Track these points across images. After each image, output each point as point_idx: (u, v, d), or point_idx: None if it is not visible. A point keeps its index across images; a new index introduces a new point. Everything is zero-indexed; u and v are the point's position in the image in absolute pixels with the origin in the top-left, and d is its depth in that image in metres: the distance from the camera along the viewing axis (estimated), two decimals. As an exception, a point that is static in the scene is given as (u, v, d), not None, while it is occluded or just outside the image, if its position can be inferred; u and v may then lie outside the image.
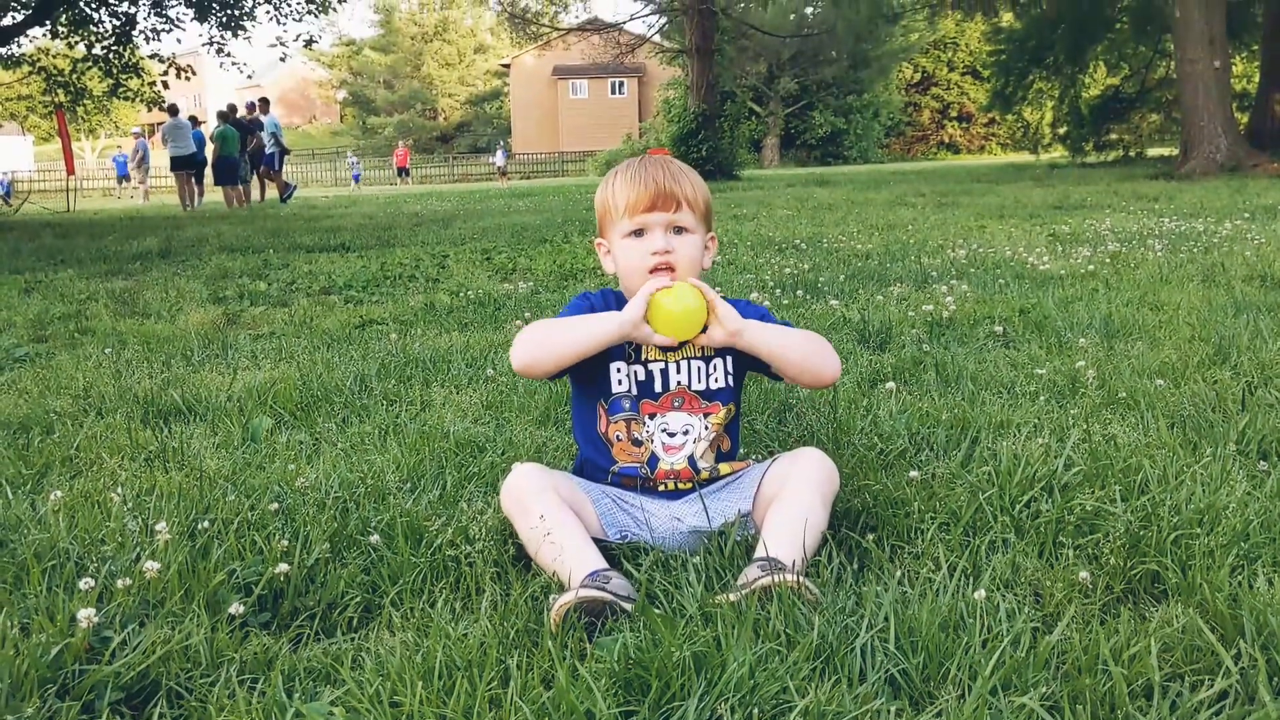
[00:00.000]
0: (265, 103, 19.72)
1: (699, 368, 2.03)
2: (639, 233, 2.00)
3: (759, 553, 1.73)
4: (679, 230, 2.00)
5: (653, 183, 1.97)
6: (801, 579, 1.61)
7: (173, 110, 19.19)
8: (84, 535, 1.95)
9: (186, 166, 19.12)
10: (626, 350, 2.01)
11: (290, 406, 3.07)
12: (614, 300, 2.07)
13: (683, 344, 1.95)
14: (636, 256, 2.00)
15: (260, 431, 2.79)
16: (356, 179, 42.76)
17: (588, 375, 2.01)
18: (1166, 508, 1.90)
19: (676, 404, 2.03)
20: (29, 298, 6.31)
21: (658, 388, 2.02)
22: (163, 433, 2.85)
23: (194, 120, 19.90)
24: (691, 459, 2.00)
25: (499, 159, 42.94)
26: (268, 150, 19.56)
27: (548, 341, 1.95)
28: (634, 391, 2.01)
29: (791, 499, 1.85)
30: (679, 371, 2.02)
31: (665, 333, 1.88)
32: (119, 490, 2.20)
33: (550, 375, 1.98)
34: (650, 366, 2.01)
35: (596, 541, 1.83)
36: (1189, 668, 1.42)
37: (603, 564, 1.73)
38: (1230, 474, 2.14)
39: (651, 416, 2.01)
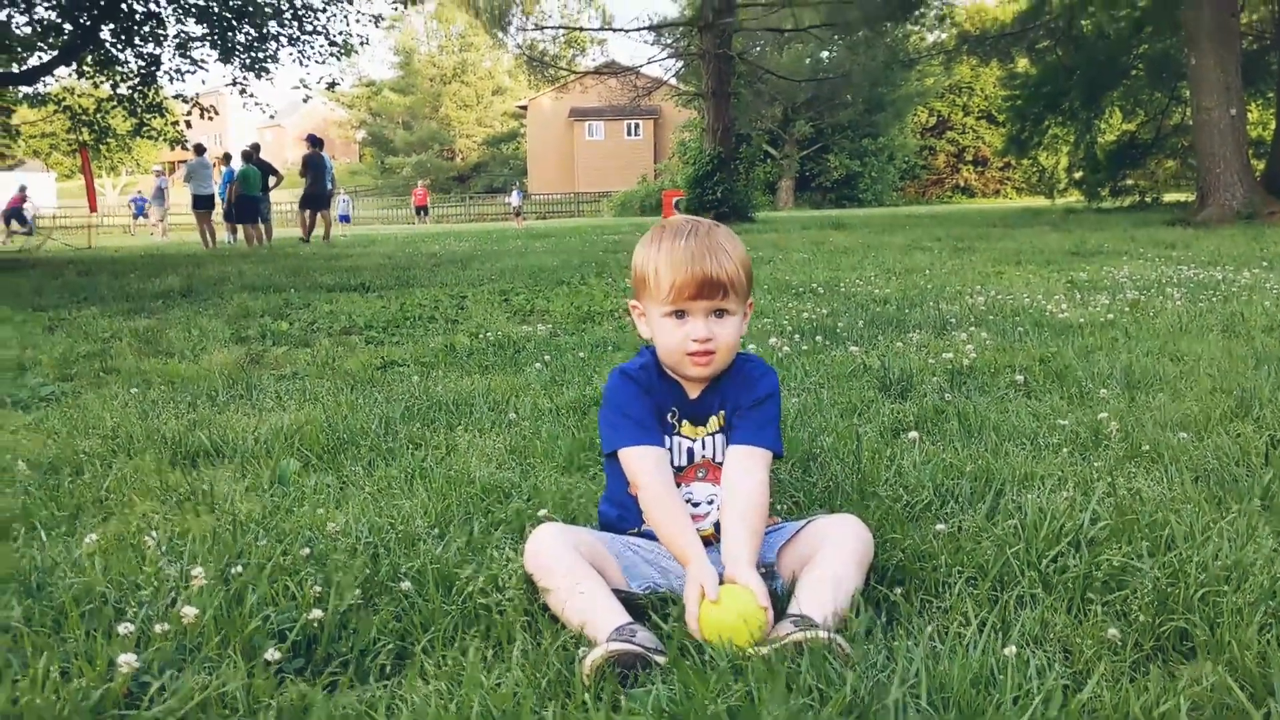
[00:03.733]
0: (320, 143, 19.94)
1: (721, 442, 2.09)
2: (679, 313, 2.00)
3: (792, 609, 1.74)
4: (720, 313, 2.00)
5: (700, 271, 1.94)
6: (834, 635, 1.62)
7: (198, 149, 19.48)
8: (120, 579, 1.97)
9: (207, 206, 19.39)
10: (672, 425, 2.07)
11: (317, 449, 3.10)
12: (654, 369, 2.09)
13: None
14: (676, 339, 2.00)
15: (288, 474, 2.82)
16: (345, 219, 41.80)
17: None
18: (1194, 564, 1.91)
19: (700, 475, 2.07)
20: (53, 335, 6.38)
21: (683, 461, 2.06)
22: (192, 474, 2.88)
23: (226, 157, 20.13)
24: (717, 525, 2.02)
25: (514, 200, 43.06)
26: (329, 187, 19.82)
27: (648, 509, 1.97)
28: (676, 463, 2.05)
29: (826, 560, 1.86)
30: (704, 447, 2.07)
31: (711, 638, 1.69)
32: (153, 534, 2.22)
33: None
34: (680, 440, 2.06)
35: (621, 594, 1.84)
36: (1221, 728, 1.42)
37: (628, 618, 1.74)
38: (1257, 530, 2.14)
39: (677, 486, 2.03)
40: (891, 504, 2.38)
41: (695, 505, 2.05)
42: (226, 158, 20.26)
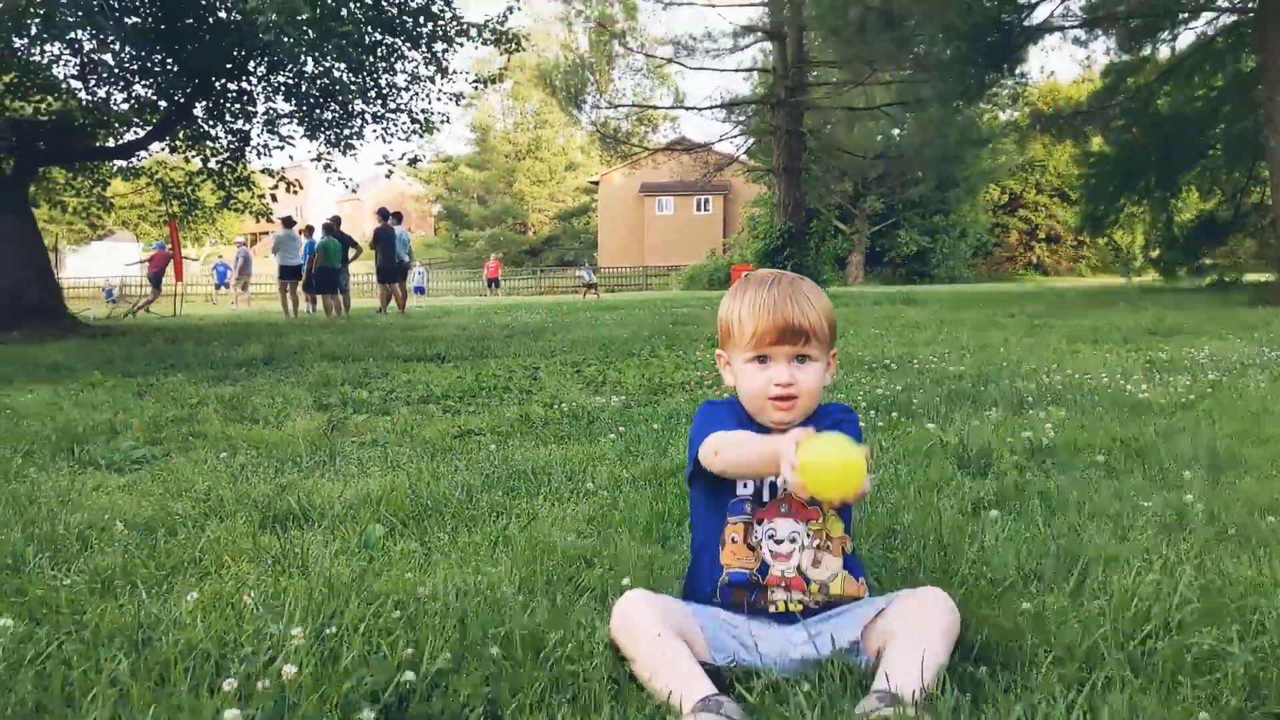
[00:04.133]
0: (398, 216, 20.52)
1: None
2: (762, 358, 2.05)
3: (878, 684, 1.75)
4: (803, 359, 2.05)
5: (781, 318, 2.01)
6: (922, 712, 1.63)
7: (286, 222, 20.18)
8: (220, 636, 2.04)
9: (293, 276, 20.03)
10: None
11: (401, 515, 3.17)
12: (741, 411, 2.13)
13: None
14: (759, 384, 2.06)
15: (374, 539, 2.89)
16: (419, 290, 42.92)
17: (717, 478, 2.07)
18: (1288, 649, 1.88)
19: (784, 510, 2.07)
20: (143, 400, 6.58)
21: (767, 496, 2.08)
22: (283, 537, 2.96)
23: (309, 230, 20.79)
24: (800, 568, 2.03)
25: (586, 275, 43.68)
26: (404, 260, 20.35)
27: (726, 452, 1.99)
28: (751, 495, 2.07)
29: (913, 634, 1.86)
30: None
31: (814, 486, 1.74)
32: (251, 593, 2.30)
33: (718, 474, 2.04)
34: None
35: (705, 666, 1.86)
36: (1321, 817, 1.39)
37: (714, 689, 1.75)
38: (1352, 616, 2.10)
39: (760, 522, 2.06)
40: (975, 581, 2.38)
41: (778, 543, 2.05)
42: (309, 230, 20.91)
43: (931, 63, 21.46)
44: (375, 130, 15.60)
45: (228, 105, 15.88)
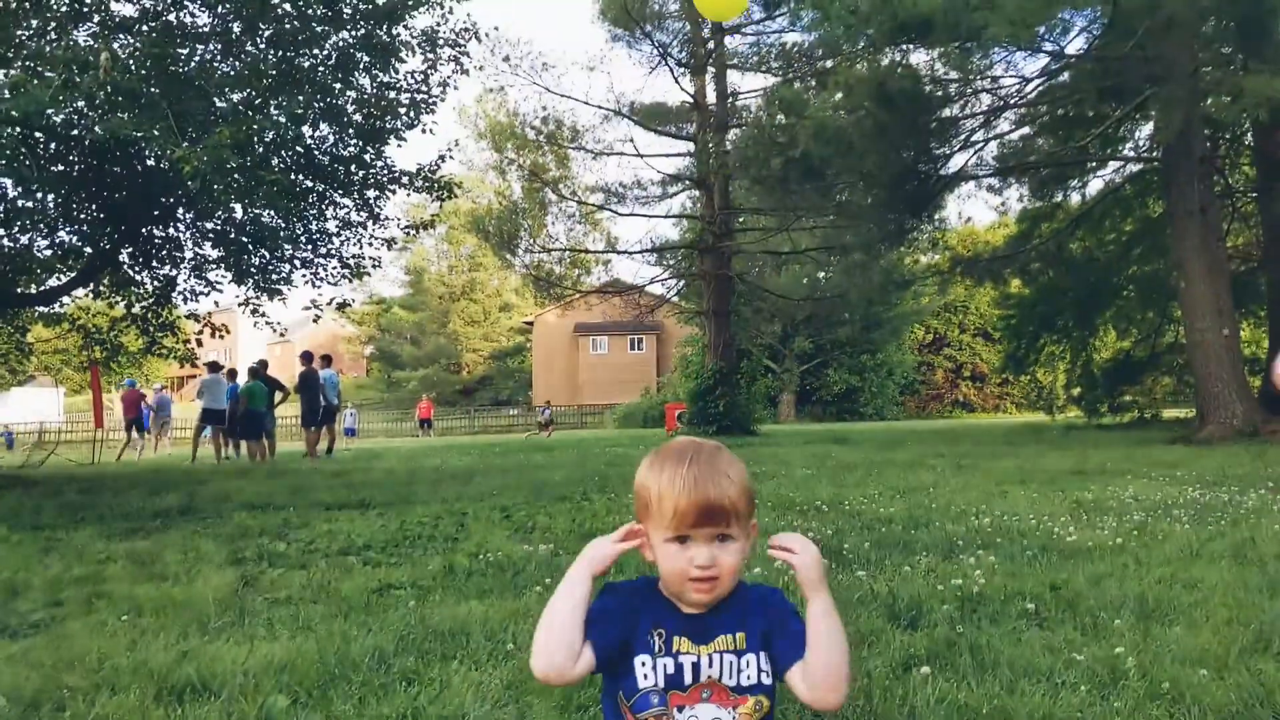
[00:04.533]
0: (327, 359, 20.40)
1: (730, 662, 1.97)
2: (682, 539, 1.94)
3: None
4: (724, 538, 1.95)
5: (702, 498, 1.91)
6: None
7: (213, 366, 19.90)
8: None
9: (217, 420, 19.68)
10: (654, 645, 1.95)
11: (307, 685, 3.00)
12: (648, 591, 2.02)
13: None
14: (679, 565, 1.93)
15: (275, 712, 2.71)
16: (351, 432, 42.79)
17: (611, 671, 1.94)
18: (1228, 823, 1.80)
19: (705, 695, 1.95)
20: (47, 557, 6.28)
21: (687, 680, 1.95)
22: (176, 713, 2.77)
23: (232, 374, 20.55)
24: None
25: (544, 414, 44.02)
26: (333, 403, 20.16)
27: (548, 629, 1.85)
28: (661, 685, 1.94)
29: None
30: (710, 665, 1.96)
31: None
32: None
33: (575, 673, 1.90)
34: (680, 659, 1.95)
35: None
36: None
37: None
38: (1290, 782, 2.04)
39: (680, 709, 1.94)
40: (905, 751, 2.28)
41: None
42: (232, 374, 20.67)
43: (853, 210, 22.16)
44: (305, 275, 15.54)
45: (154, 251, 15.76)
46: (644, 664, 1.92)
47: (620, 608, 1.96)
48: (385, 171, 14.99)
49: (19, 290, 15.82)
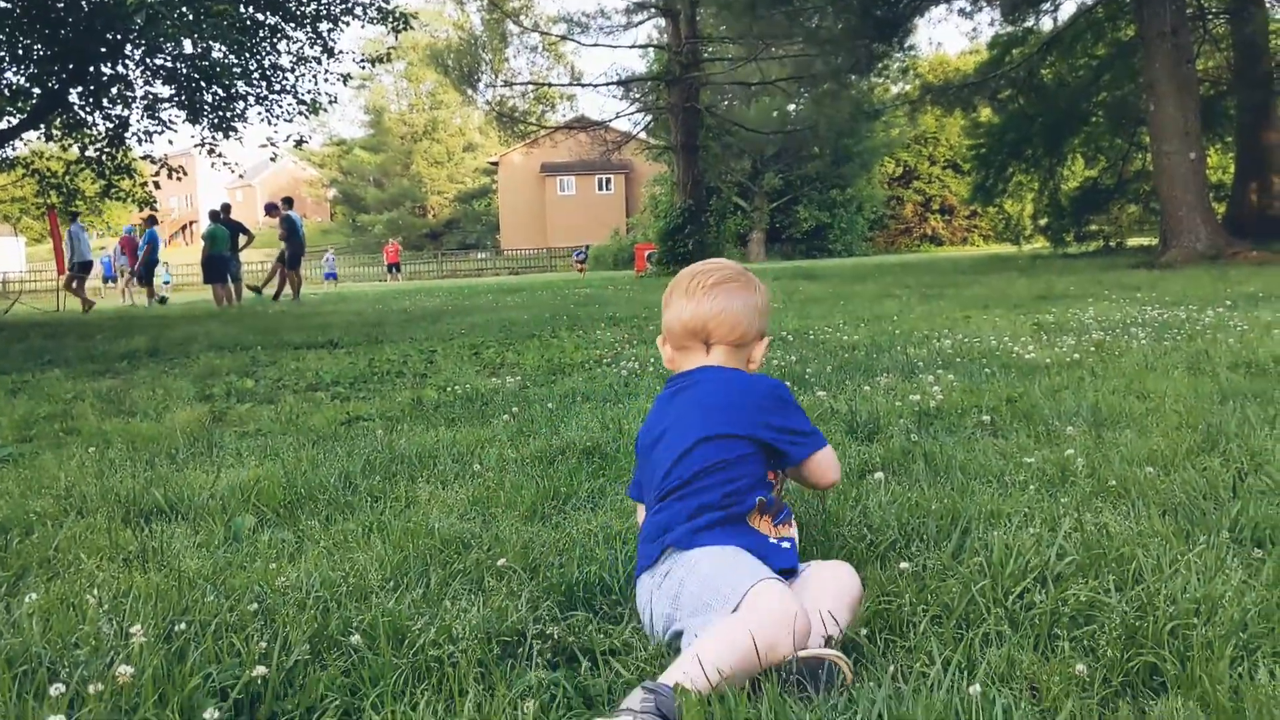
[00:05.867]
0: (289, 201, 20.02)
1: None
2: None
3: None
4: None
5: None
6: (839, 655, 1.65)
7: (73, 216, 19.38)
8: (57, 639, 1.90)
9: (87, 270, 20.06)
10: None
11: (274, 504, 3.03)
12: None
13: None
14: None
15: (242, 530, 2.75)
16: (331, 276, 42.92)
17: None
18: (1162, 597, 1.88)
19: None
20: (15, 398, 6.27)
21: None
22: (143, 533, 2.81)
23: (151, 219, 20.26)
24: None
25: (580, 256, 43.84)
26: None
27: None
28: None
29: (820, 598, 1.84)
30: None
31: None
32: (94, 592, 2.15)
33: None
34: None
35: None
36: (1192, 764, 1.38)
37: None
38: (1225, 563, 2.11)
39: None
40: (855, 544, 2.35)
41: None
42: (151, 220, 20.38)
43: (822, 36, 21.65)
44: (260, 112, 15.16)
45: (104, 90, 15.25)
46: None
47: None
48: (338, 3, 14.45)
49: (-32, 133, 15.35)
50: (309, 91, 15.37)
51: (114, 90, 15.29)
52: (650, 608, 1.89)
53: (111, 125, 15.75)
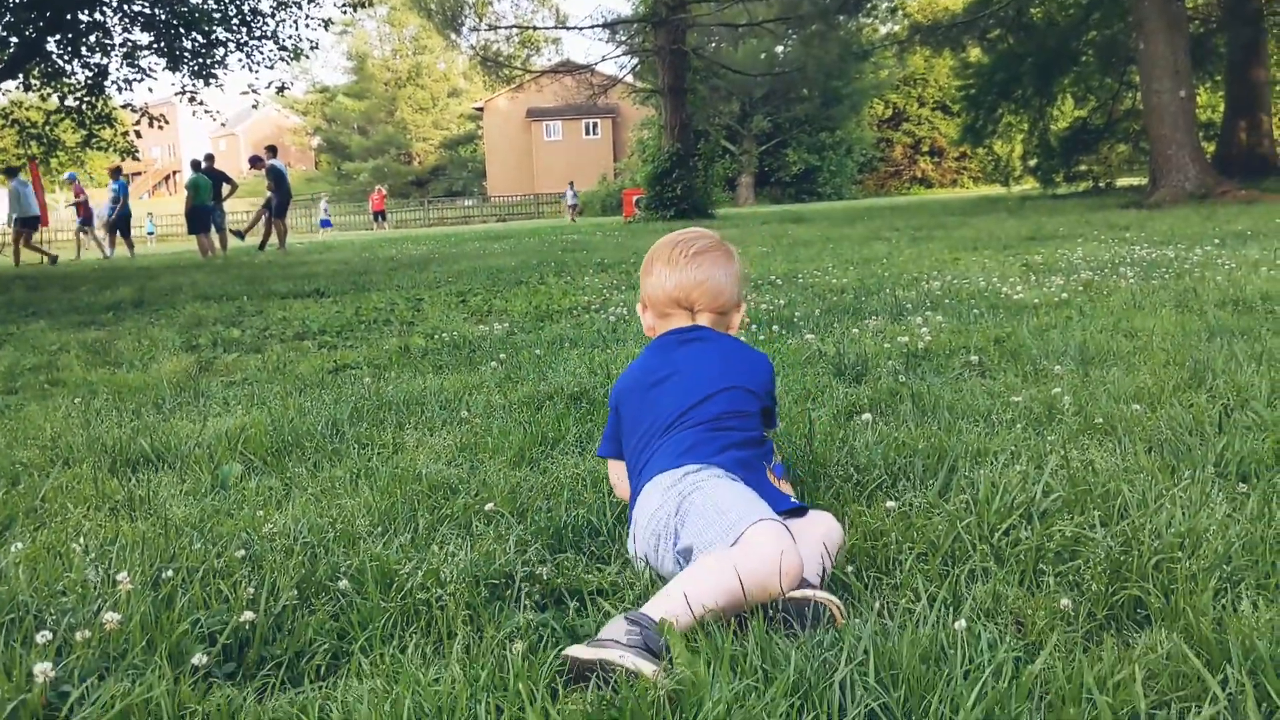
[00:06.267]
0: (272, 150, 19.79)
1: None
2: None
3: None
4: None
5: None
6: (829, 595, 1.66)
7: (9, 172, 19.11)
8: (44, 588, 1.89)
9: (34, 227, 19.85)
10: None
11: (261, 452, 3.03)
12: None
13: None
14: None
15: (229, 478, 2.75)
16: (326, 224, 42.69)
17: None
18: (1147, 532, 1.89)
19: None
20: (0, 350, 6.23)
21: None
22: (130, 481, 2.80)
23: (117, 170, 20.03)
24: None
25: (569, 198, 43.05)
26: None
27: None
28: None
29: (804, 540, 1.84)
30: None
31: None
32: (81, 540, 2.15)
33: None
34: None
35: None
36: (1175, 694, 1.39)
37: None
38: (1210, 497, 2.12)
39: None
40: (842, 484, 2.35)
41: None
42: (117, 171, 20.15)
43: (811, -25, 21.37)
44: (240, 59, 14.96)
45: (82, 39, 15.00)
46: None
47: None
48: (317, -55, 14.20)
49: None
50: (290, 37, 15.18)
51: (92, 38, 15.06)
52: (656, 512, 1.91)
53: (90, 74, 15.53)
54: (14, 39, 14.36)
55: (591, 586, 1.86)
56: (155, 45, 14.88)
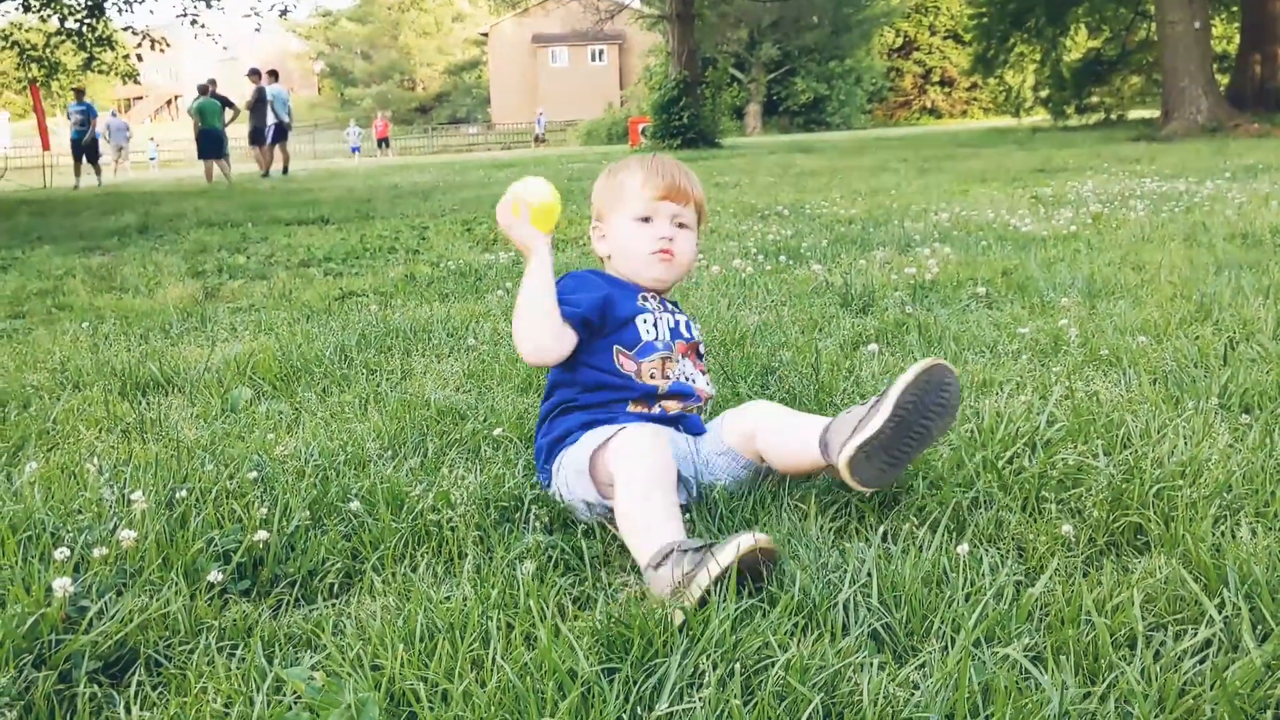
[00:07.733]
0: (274, 74, 19.53)
1: (697, 329, 2.22)
2: (647, 219, 2.11)
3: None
4: (681, 225, 2.13)
5: (669, 176, 2.11)
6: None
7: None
8: (59, 506, 1.92)
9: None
10: (650, 306, 2.11)
11: (270, 377, 3.05)
12: (605, 276, 2.16)
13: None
14: (642, 241, 2.10)
15: (239, 402, 2.77)
16: (356, 150, 42.25)
17: (600, 334, 2.04)
18: (1149, 461, 1.91)
19: (685, 354, 2.14)
20: (5, 275, 6.24)
21: (684, 335, 2.14)
22: (140, 405, 2.82)
23: (80, 92, 19.59)
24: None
25: (539, 126, 42.43)
26: (283, 120, 19.52)
27: (527, 314, 2.00)
28: (666, 338, 2.09)
29: (780, 415, 1.94)
30: (686, 329, 2.16)
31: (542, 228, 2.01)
32: (94, 461, 2.18)
33: (563, 348, 2.00)
34: (661, 315, 2.11)
35: None
36: (1172, 617, 1.41)
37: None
38: (1212, 427, 2.14)
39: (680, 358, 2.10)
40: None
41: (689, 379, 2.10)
42: (80, 93, 19.79)
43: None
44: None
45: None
46: (646, 321, 2.09)
47: (585, 284, 2.05)
48: None
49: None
50: (292, -42, 14.90)
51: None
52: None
53: (90, -5, 15.33)
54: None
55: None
56: (156, -35, 14.66)
